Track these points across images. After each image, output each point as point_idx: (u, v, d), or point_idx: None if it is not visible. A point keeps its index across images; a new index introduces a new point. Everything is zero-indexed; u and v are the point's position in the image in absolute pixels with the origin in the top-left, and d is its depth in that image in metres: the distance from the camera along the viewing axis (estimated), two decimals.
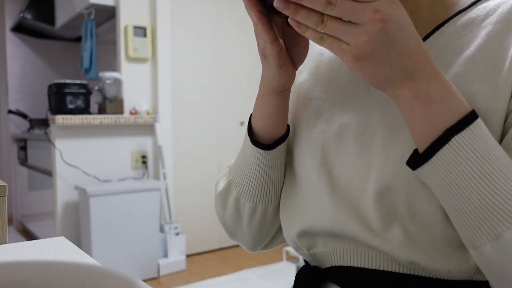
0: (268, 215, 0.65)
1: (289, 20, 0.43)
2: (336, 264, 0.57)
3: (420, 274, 0.51)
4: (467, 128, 0.43)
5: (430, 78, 0.44)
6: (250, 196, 0.63)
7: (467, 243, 0.46)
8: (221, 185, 0.68)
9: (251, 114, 0.62)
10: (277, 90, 0.57)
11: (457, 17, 0.54)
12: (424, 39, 0.54)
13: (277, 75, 0.54)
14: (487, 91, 0.48)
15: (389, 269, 0.52)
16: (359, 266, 0.54)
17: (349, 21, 0.41)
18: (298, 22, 0.42)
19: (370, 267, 0.53)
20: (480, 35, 0.51)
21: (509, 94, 0.48)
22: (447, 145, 0.43)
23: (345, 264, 0.55)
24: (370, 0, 0.40)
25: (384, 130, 0.53)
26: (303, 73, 0.66)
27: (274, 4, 0.42)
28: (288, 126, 0.62)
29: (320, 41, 0.43)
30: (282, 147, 0.61)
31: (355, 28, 0.41)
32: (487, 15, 0.52)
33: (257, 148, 0.60)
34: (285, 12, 0.42)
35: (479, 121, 0.44)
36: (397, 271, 0.52)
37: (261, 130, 0.60)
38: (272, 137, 0.60)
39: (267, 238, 0.69)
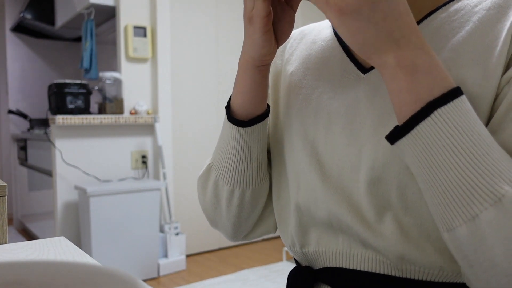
0: (245, 200, 0.63)
1: None
2: (328, 266, 0.56)
3: (412, 277, 0.50)
4: (451, 102, 0.42)
5: (417, 49, 0.42)
6: (227, 179, 0.62)
7: (441, 225, 0.44)
8: (203, 168, 0.68)
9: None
10: (256, 63, 0.55)
11: (450, 3, 0.53)
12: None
13: (260, 42, 0.52)
14: (477, 76, 0.47)
15: (381, 272, 0.52)
16: (351, 268, 0.54)
17: None
18: None
19: (362, 269, 0.53)
20: (471, 20, 0.50)
21: (499, 79, 0.47)
22: (428, 118, 0.42)
23: (337, 266, 0.55)
24: None
25: (373, 119, 0.52)
26: (295, 63, 0.65)
27: None
28: (269, 107, 0.62)
29: None
30: (260, 127, 0.60)
31: None
32: (480, 1, 0.52)
33: (234, 125, 0.59)
34: None
35: (463, 97, 0.43)
36: (389, 273, 0.51)
37: (239, 108, 0.59)
38: (249, 115, 0.59)
39: (247, 227, 0.68)
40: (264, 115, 0.60)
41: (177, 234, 2.94)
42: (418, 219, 0.49)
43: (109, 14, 3.14)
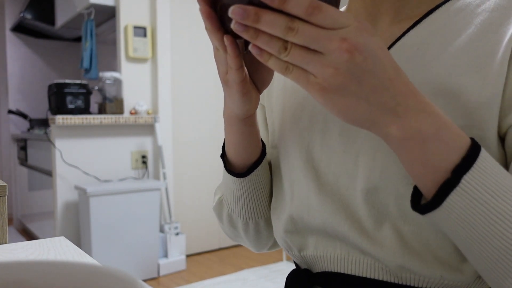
0: (261, 228, 0.65)
1: (250, 47, 0.38)
2: (327, 270, 0.55)
3: (411, 284, 0.49)
4: (475, 165, 0.39)
5: (418, 113, 0.39)
6: (239, 214, 0.64)
7: (492, 283, 0.43)
8: (216, 198, 0.69)
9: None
10: (240, 117, 0.54)
11: (452, 1, 0.51)
12: (415, 24, 0.51)
13: (240, 102, 0.50)
14: (477, 84, 0.45)
15: (381, 278, 0.51)
16: (350, 273, 0.53)
17: (315, 49, 0.37)
18: (261, 50, 0.38)
19: (361, 275, 0.52)
20: (473, 23, 0.48)
21: (502, 87, 0.44)
22: (457, 188, 0.39)
23: (336, 270, 0.54)
24: (337, 27, 0.36)
25: None
26: None
27: (232, 27, 0.37)
28: (264, 146, 0.60)
29: (285, 72, 0.38)
30: (258, 171, 0.59)
31: (321, 57, 0.37)
32: (483, 1, 0.49)
33: (232, 176, 0.59)
34: (244, 36, 0.37)
35: (483, 153, 0.40)
36: (389, 280, 0.50)
37: (234, 158, 0.59)
38: (245, 163, 0.59)
39: (268, 244, 0.69)
40: (261, 157, 0.59)
41: (177, 234, 2.94)
42: (418, 227, 0.47)
43: (109, 14, 3.14)
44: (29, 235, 3.83)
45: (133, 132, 2.95)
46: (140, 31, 2.93)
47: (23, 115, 3.82)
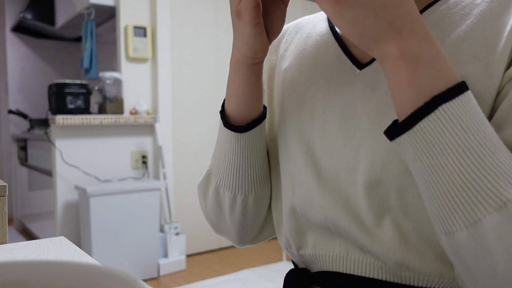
0: (249, 205, 0.61)
1: None
2: (325, 269, 0.55)
3: (410, 283, 0.49)
4: (457, 98, 0.39)
5: (420, 39, 0.39)
6: (228, 186, 0.60)
7: (439, 227, 0.42)
8: (203, 173, 0.66)
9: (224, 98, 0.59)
10: (249, 62, 0.53)
11: None
12: None
13: (251, 36, 0.50)
14: (478, 74, 0.45)
15: (379, 277, 0.50)
16: (348, 272, 0.52)
17: None
18: None
19: (359, 274, 0.52)
20: (473, 13, 0.48)
21: (501, 77, 0.45)
22: (433, 114, 0.39)
23: (334, 270, 0.54)
24: None
25: (369, 118, 0.50)
26: (289, 58, 0.62)
27: None
28: (265, 108, 0.59)
29: None
30: (258, 130, 0.57)
31: None
32: None
33: (230, 131, 0.56)
34: None
35: (469, 93, 0.40)
36: (388, 279, 0.50)
37: (234, 111, 0.56)
38: (246, 119, 0.56)
39: (253, 231, 0.65)
40: (261, 117, 0.57)
41: (177, 234, 2.94)
42: (419, 223, 0.47)
43: (109, 14, 3.14)
44: (29, 235, 3.83)
45: (133, 132, 2.95)
46: (140, 31, 2.93)
47: (23, 115, 3.82)
